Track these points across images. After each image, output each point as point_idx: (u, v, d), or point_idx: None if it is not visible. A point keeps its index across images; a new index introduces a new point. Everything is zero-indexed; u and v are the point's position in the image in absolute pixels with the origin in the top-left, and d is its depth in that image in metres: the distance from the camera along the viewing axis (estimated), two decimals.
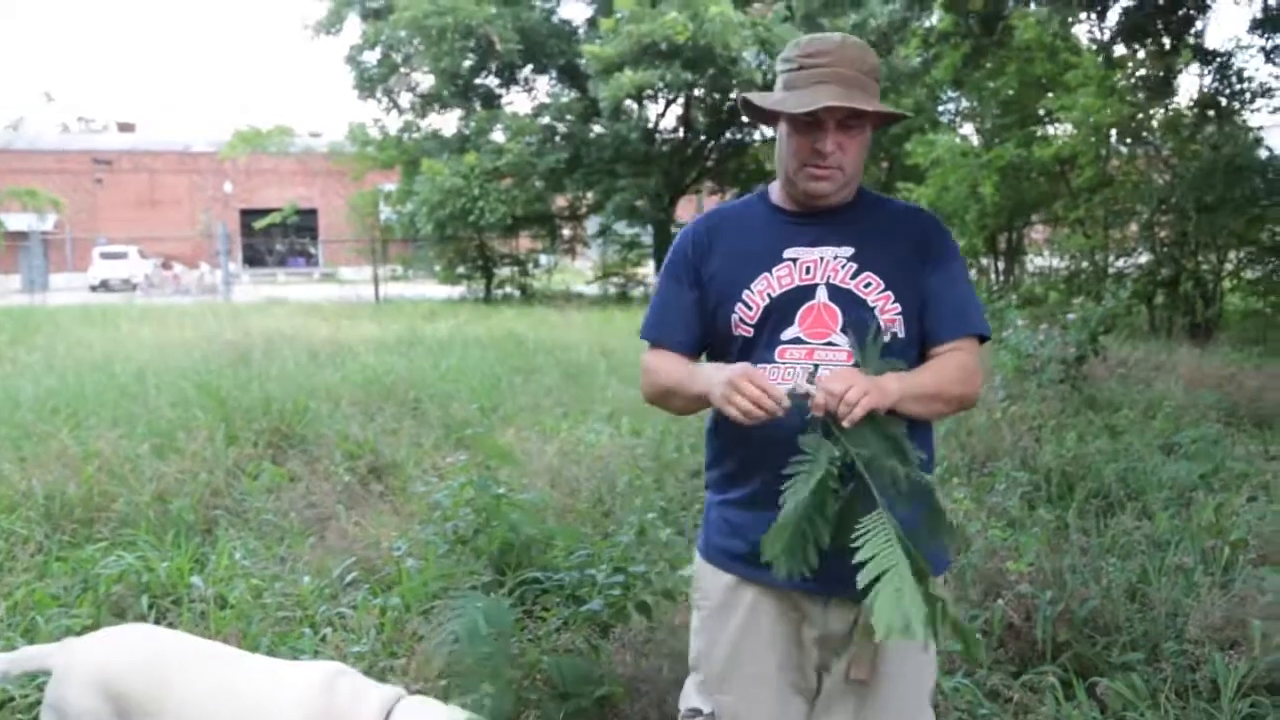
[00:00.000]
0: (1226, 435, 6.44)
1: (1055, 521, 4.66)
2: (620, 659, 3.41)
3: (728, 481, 2.14)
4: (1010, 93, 17.82)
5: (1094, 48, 15.48)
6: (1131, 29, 13.15)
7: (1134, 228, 15.80)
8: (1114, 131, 16.21)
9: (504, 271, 25.22)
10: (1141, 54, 14.91)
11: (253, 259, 44.66)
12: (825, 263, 2.05)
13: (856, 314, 2.01)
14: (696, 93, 22.44)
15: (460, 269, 24.75)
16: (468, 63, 23.22)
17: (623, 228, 24.35)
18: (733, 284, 2.08)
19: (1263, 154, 13.55)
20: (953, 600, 1.96)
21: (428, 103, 24.46)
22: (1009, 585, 3.68)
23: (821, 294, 2.03)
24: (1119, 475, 5.32)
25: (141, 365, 9.60)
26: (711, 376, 1.96)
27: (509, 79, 24.61)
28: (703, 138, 24.20)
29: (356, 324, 15.88)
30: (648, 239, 24.41)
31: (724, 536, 2.14)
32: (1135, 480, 5.30)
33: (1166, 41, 13.74)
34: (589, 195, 23.62)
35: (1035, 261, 20.61)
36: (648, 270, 24.76)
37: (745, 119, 2.60)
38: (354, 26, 24.22)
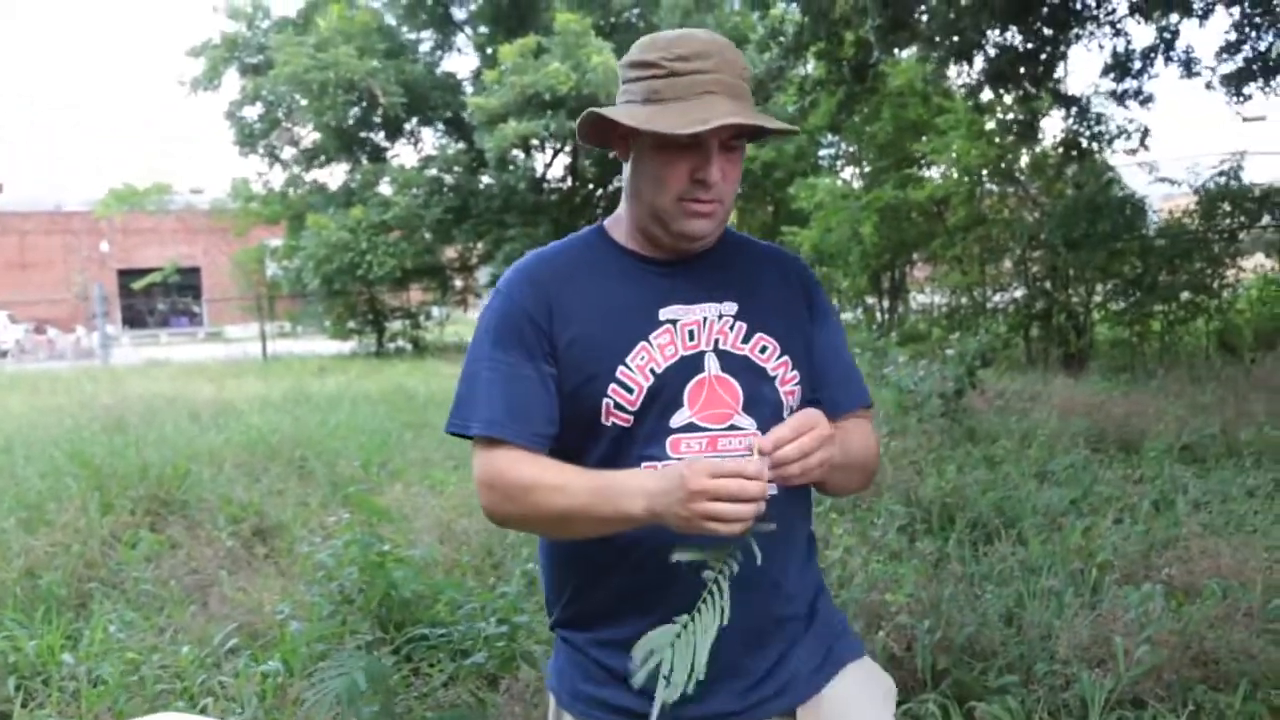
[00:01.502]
0: (1095, 461, 6.70)
1: (935, 552, 4.79)
2: (510, 710, 3.40)
3: (599, 619, 1.66)
4: (886, 137, 18.41)
5: (963, 93, 16.11)
6: (997, 75, 13.69)
7: (1008, 264, 16.45)
8: (985, 172, 16.89)
9: (395, 325, 24.95)
10: (1008, 99, 15.57)
11: (133, 320, 43.34)
12: (709, 324, 1.63)
13: (757, 387, 1.63)
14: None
15: (350, 323, 24.41)
16: (352, 116, 23.07)
17: None
18: (600, 358, 1.60)
19: (1120, 192, 14.26)
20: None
21: (312, 157, 24.19)
22: (890, 616, 3.77)
23: (711, 364, 1.62)
24: (995, 504, 5.49)
25: (9, 435, 9.24)
26: (647, 488, 1.46)
27: (394, 132, 24.49)
28: (591, 185, 24.39)
29: (242, 383, 15.52)
30: None
31: (597, 685, 1.66)
32: (1011, 508, 5.47)
33: (1030, 87, 14.35)
34: (479, 245, 23.55)
35: (918, 299, 21.22)
36: None
37: (581, 140, 1.65)
38: (233, 81, 23.91)
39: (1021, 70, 13.65)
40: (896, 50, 12.61)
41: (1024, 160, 16.69)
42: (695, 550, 1.46)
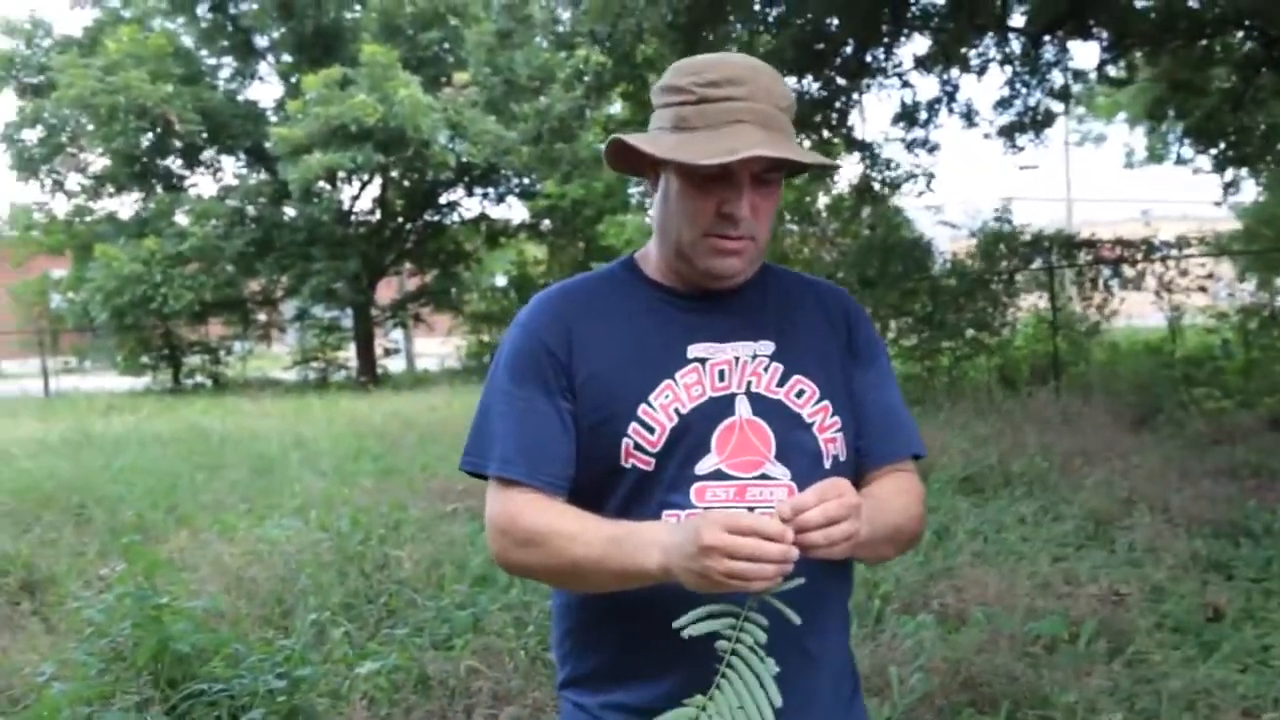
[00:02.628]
0: None
1: None
2: None
3: (611, 681, 1.53)
4: None
5: None
6: (795, 120, 14.30)
7: None
8: (786, 213, 17.54)
9: (194, 360, 23.88)
10: (805, 143, 16.25)
11: None
12: (742, 364, 1.51)
13: (791, 434, 1.50)
14: (392, 174, 22.30)
15: (144, 358, 23.21)
16: (145, 143, 22.02)
17: (321, 311, 23.66)
18: (621, 395, 1.48)
19: (909, 234, 15.08)
20: None
21: (101, 184, 22.95)
22: None
23: (742, 407, 1.49)
24: None
25: None
26: (662, 541, 1.34)
27: (192, 160, 23.50)
28: (400, 219, 24.04)
29: (17, 423, 14.52)
30: (348, 322, 23.84)
31: None
32: None
33: (825, 133, 15.03)
34: (283, 279, 22.82)
35: None
36: (348, 354, 24.15)
37: (610, 167, 1.67)
38: (9, 102, 22.49)
39: (818, 117, 14.29)
40: None
41: (822, 202, 17.45)
42: (704, 618, 1.30)
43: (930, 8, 13.28)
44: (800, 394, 1.52)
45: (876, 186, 15.96)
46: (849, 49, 13.33)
